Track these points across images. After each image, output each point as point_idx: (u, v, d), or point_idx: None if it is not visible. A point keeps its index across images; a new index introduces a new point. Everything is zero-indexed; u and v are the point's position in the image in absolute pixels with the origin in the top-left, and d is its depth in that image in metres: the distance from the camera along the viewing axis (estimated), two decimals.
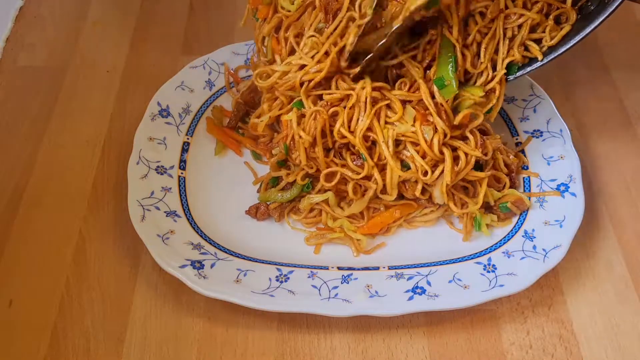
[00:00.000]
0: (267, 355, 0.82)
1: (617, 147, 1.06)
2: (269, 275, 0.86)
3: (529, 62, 0.89)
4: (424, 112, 0.86)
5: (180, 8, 1.30)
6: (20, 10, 1.28)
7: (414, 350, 0.83)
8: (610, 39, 1.23)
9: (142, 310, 0.86)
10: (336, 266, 0.88)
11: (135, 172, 0.94)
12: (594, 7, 0.85)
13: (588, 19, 0.84)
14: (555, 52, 0.87)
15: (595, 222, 0.96)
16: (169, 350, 0.82)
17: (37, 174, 1.00)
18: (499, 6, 0.86)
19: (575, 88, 1.15)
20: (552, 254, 0.86)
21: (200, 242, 0.89)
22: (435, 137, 0.85)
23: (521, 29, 0.87)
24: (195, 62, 1.09)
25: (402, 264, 0.89)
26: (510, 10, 0.86)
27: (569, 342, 0.84)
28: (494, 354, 0.83)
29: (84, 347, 0.82)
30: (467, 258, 0.89)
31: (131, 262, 0.90)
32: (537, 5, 0.86)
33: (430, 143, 0.85)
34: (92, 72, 1.16)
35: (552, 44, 0.87)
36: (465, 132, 0.88)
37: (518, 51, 0.88)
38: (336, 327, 0.85)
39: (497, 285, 0.83)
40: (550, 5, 0.86)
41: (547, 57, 0.88)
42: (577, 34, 0.85)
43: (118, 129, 1.07)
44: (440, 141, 0.85)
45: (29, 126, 1.07)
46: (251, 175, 1.00)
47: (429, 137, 0.85)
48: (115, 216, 0.95)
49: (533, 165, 0.98)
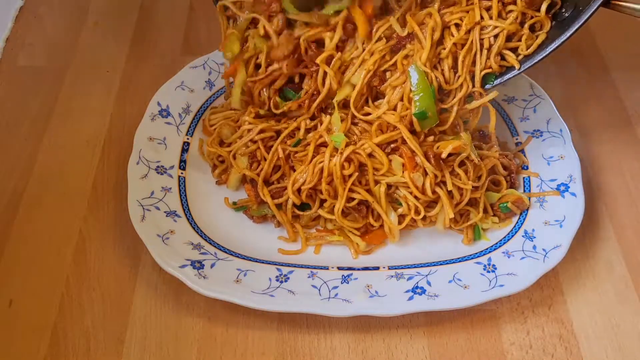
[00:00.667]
0: (267, 355, 0.82)
1: (617, 147, 1.06)
2: (269, 275, 0.86)
3: (506, 70, 0.88)
4: (410, 156, 0.86)
5: (180, 8, 1.30)
6: (20, 10, 1.28)
7: (414, 350, 0.83)
8: (610, 39, 1.23)
9: (142, 310, 0.86)
10: (336, 266, 0.88)
11: (135, 172, 0.94)
12: (568, 13, 0.85)
13: (563, 25, 0.84)
14: (532, 60, 0.86)
15: (595, 222, 0.96)
16: (169, 350, 0.82)
17: (37, 174, 1.00)
18: (474, 18, 0.85)
19: (576, 88, 1.15)
20: (552, 254, 0.86)
21: (200, 242, 0.89)
22: (427, 181, 0.86)
23: (497, 38, 0.86)
24: (195, 62, 1.09)
25: (402, 264, 0.89)
26: (486, 22, 0.85)
27: (569, 342, 0.84)
28: (494, 354, 0.83)
29: (84, 347, 0.82)
30: (467, 258, 0.89)
31: (131, 262, 0.90)
32: (512, 14, 0.85)
33: (423, 188, 0.87)
34: (92, 72, 1.16)
35: (528, 53, 0.86)
36: (455, 167, 0.88)
37: (495, 61, 0.87)
38: (336, 327, 0.85)
39: (497, 285, 0.83)
40: (524, 14, 0.86)
41: (524, 65, 0.87)
42: (553, 41, 0.84)
43: (118, 129, 1.07)
44: (432, 185, 0.86)
45: (29, 126, 1.07)
46: None
47: (420, 183, 0.86)
48: (115, 216, 0.95)
49: (533, 165, 0.98)
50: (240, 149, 0.94)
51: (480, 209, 0.91)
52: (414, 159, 0.86)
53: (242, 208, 0.94)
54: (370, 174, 0.88)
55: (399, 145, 0.87)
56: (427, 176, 0.86)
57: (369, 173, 0.88)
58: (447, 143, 0.87)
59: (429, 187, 0.86)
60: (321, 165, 0.88)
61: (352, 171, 0.87)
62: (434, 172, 0.86)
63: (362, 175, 0.88)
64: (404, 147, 0.87)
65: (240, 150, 0.94)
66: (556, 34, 0.85)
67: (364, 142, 0.88)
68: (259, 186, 0.91)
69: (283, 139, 0.92)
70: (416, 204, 0.87)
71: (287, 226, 0.92)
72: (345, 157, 0.87)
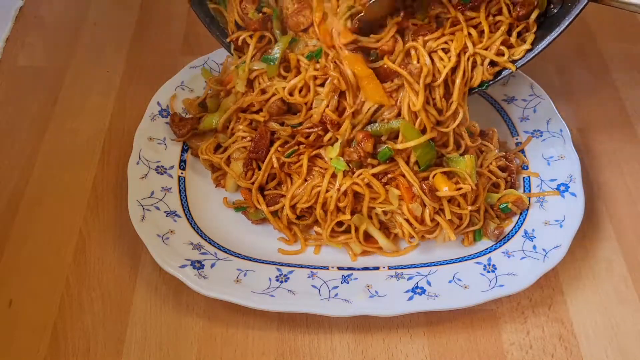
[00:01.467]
0: (267, 355, 0.82)
1: (617, 147, 1.06)
2: (269, 275, 0.86)
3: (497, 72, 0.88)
4: (407, 186, 0.87)
5: (180, 8, 1.30)
6: (20, 10, 1.28)
7: (414, 350, 0.83)
8: (611, 39, 1.23)
9: (142, 310, 0.86)
10: (336, 266, 0.88)
11: (135, 172, 0.94)
12: (556, 9, 0.85)
13: (553, 22, 0.84)
14: (523, 59, 0.86)
15: (595, 222, 0.96)
16: (169, 350, 0.82)
17: (37, 174, 1.00)
18: (462, 42, 0.85)
19: (576, 88, 1.15)
20: (552, 254, 0.86)
21: (200, 242, 0.89)
22: (426, 213, 0.86)
23: (489, 50, 0.86)
24: (195, 62, 1.09)
25: (402, 264, 0.89)
26: (476, 49, 0.85)
27: (569, 342, 0.84)
28: (494, 354, 0.83)
29: (84, 347, 0.82)
30: (467, 258, 0.89)
31: (131, 262, 0.90)
32: (501, 25, 0.86)
33: (422, 218, 0.87)
34: (92, 72, 1.16)
35: (517, 59, 0.86)
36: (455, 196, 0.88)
37: (488, 72, 0.87)
38: (336, 327, 0.85)
39: (497, 285, 0.83)
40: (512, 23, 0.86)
41: (516, 64, 0.87)
42: (542, 39, 0.84)
43: (118, 129, 1.07)
44: (430, 215, 0.86)
45: (29, 126, 1.07)
46: None
47: (419, 213, 0.86)
48: (115, 216, 0.95)
49: (533, 165, 0.98)
50: (235, 153, 0.94)
51: (482, 217, 0.91)
52: (411, 189, 0.87)
53: (242, 208, 0.94)
54: (366, 205, 0.88)
55: (396, 176, 0.88)
56: (426, 207, 0.86)
57: (364, 202, 0.88)
58: (443, 183, 0.86)
59: (428, 217, 0.86)
60: (318, 190, 0.88)
61: (347, 203, 0.87)
62: (432, 206, 0.86)
63: (358, 201, 0.89)
64: (401, 179, 0.87)
65: (235, 154, 0.94)
66: (546, 32, 0.84)
67: (362, 172, 0.87)
68: (253, 197, 0.91)
69: (276, 148, 0.92)
70: (411, 232, 0.87)
71: (285, 231, 0.92)
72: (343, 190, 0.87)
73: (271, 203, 0.91)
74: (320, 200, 0.88)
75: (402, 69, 0.84)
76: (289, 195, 0.90)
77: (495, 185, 0.95)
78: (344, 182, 0.87)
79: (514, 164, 0.97)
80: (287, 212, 0.89)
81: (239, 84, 0.93)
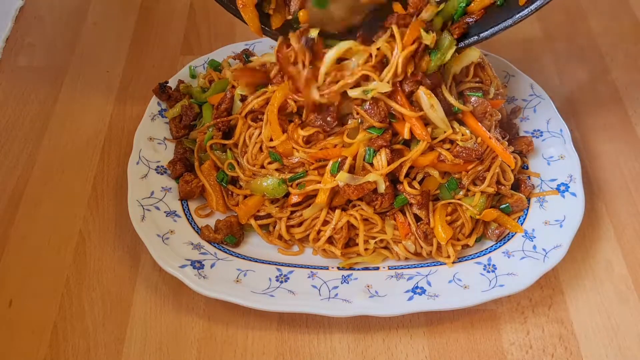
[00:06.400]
0: (267, 355, 0.82)
1: (617, 147, 1.06)
2: (269, 275, 0.86)
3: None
4: (403, 222, 0.87)
5: (180, 8, 1.30)
6: (20, 10, 1.28)
7: (414, 350, 0.83)
8: (611, 39, 1.23)
9: (142, 310, 0.86)
10: (336, 266, 0.88)
11: (135, 172, 0.94)
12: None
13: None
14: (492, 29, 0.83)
15: (595, 222, 0.96)
16: (169, 350, 0.82)
17: (37, 174, 1.00)
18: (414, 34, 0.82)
19: (575, 88, 1.15)
20: (552, 254, 0.86)
21: (200, 242, 0.89)
22: (423, 252, 0.87)
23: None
24: (195, 62, 1.09)
25: (402, 264, 0.89)
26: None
27: (569, 342, 0.84)
28: (494, 354, 0.83)
29: (84, 347, 0.82)
30: (467, 258, 0.89)
31: (131, 262, 0.90)
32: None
33: (416, 252, 0.88)
34: (92, 72, 1.16)
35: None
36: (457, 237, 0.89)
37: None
38: (336, 327, 0.85)
39: (497, 285, 0.83)
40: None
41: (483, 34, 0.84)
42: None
43: (118, 129, 1.07)
44: (426, 251, 0.88)
45: (29, 126, 1.07)
46: None
47: (413, 250, 0.87)
48: (115, 216, 0.95)
49: (533, 165, 0.98)
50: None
51: (481, 227, 0.91)
52: (408, 226, 0.87)
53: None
54: (361, 238, 0.88)
55: (395, 212, 0.88)
56: (423, 248, 0.88)
57: (359, 234, 0.88)
58: (439, 232, 0.86)
59: (424, 252, 0.88)
60: (315, 222, 0.89)
61: (342, 236, 0.88)
62: (429, 250, 0.87)
63: (353, 229, 0.89)
64: (399, 214, 0.88)
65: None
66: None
67: (361, 205, 0.87)
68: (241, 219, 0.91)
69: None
70: (408, 256, 0.88)
71: (277, 243, 0.91)
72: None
73: (263, 217, 0.91)
74: (312, 236, 0.88)
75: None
76: (282, 223, 0.89)
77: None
78: (341, 219, 0.87)
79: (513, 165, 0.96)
80: (283, 232, 0.89)
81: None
